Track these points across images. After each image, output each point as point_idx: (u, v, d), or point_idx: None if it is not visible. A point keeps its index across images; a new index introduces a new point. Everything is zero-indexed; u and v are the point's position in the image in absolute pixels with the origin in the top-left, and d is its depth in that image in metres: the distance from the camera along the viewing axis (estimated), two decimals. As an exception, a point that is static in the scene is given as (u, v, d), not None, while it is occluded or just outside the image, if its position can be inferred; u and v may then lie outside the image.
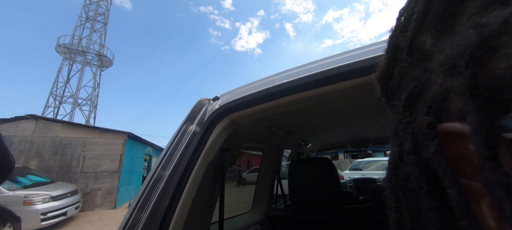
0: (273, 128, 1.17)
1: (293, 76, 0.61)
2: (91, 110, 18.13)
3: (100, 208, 7.27)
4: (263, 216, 1.54)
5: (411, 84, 0.19)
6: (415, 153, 0.18)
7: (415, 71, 0.19)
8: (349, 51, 0.56)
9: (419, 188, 0.17)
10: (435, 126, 0.16)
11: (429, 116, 0.17)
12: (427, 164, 0.17)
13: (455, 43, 0.15)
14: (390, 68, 0.23)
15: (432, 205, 0.16)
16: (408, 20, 0.20)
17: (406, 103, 0.20)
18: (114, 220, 6.04)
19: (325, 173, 1.24)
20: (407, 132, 0.19)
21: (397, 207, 0.20)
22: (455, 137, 0.15)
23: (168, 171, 0.69)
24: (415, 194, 0.18)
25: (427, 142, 0.17)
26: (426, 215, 0.17)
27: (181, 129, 0.76)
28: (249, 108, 0.69)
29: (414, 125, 0.19)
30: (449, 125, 0.15)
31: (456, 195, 0.15)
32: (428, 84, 0.18)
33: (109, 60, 19.53)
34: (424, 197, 0.17)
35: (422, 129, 0.17)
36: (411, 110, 0.19)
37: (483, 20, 0.13)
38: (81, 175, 7.31)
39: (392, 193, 0.21)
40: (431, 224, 0.16)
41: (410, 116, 0.19)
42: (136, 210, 0.63)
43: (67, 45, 17.44)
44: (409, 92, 0.19)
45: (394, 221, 0.21)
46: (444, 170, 0.15)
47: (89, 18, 19.21)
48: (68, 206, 5.36)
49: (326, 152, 3.33)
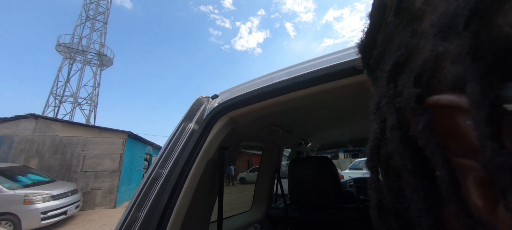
0: (272, 127, 1.16)
1: (293, 73, 0.61)
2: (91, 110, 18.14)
3: (100, 207, 7.28)
4: (263, 215, 1.53)
5: (397, 51, 0.17)
6: (399, 129, 0.16)
7: (402, 36, 0.17)
8: (350, 48, 0.56)
9: (403, 166, 0.16)
10: (425, 99, 0.14)
11: (418, 87, 0.15)
12: (413, 141, 0.15)
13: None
14: (374, 35, 0.21)
15: (416, 185, 0.15)
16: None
17: (391, 73, 0.17)
18: (114, 219, 6.05)
19: (325, 172, 1.23)
20: (392, 106, 0.17)
21: (378, 187, 0.19)
22: (448, 111, 0.13)
23: (166, 169, 0.68)
24: (397, 173, 0.17)
25: (415, 118, 0.15)
26: (409, 196, 0.15)
27: (180, 127, 0.76)
28: (249, 106, 0.68)
29: (400, 99, 0.16)
30: (441, 98, 0.13)
31: (447, 178, 0.13)
32: (417, 50, 0.15)
33: (109, 59, 19.53)
34: (408, 176, 0.15)
35: (410, 102, 0.15)
36: (396, 82, 0.17)
37: None
38: (81, 174, 7.32)
39: (374, 172, 0.20)
40: (415, 206, 0.15)
41: (395, 88, 0.17)
42: (133, 208, 0.62)
43: (67, 44, 17.43)
44: (395, 61, 0.17)
45: (375, 201, 0.19)
46: (434, 150, 0.14)
47: (89, 17, 19.19)
48: (68, 205, 5.37)
49: (326, 151, 3.33)
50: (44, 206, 4.74)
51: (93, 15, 19.44)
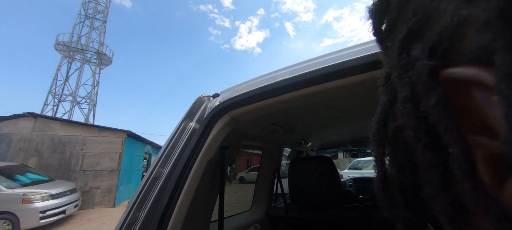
0: (273, 126, 1.16)
1: (295, 72, 0.60)
2: (90, 108, 18.09)
3: (99, 206, 7.26)
4: (263, 215, 1.53)
5: (413, 17, 0.15)
6: (412, 101, 0.15)
7: (417, 0, 0.15)
8: (352, 47, 0.55)
9: (417, 140, 0.14)
10: (439, 72, 0.13)
11: (432, 59, 0.13)
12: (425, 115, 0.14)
13: None
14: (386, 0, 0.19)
15: (433, 159, 0.14)
16: None
17: (403, 42, 0.16)
18: (113, 219, 6.03)
19: (326, 171, 1.23)
20: (404, 78, 0.16)
21: (383, 160, 0.18)
22: (464, 86, 0.12)
23: (167, 169, 0.67)
24: (405, 147, 0.16)
25: (427, 93, 0.14)
26: (424, 172, 0.14)
27: (180, 126, 0.75)
28: (250, 105, 0.68)
29: (412, 72, 0.15)
30: (458, 71, 0.12)
31: (460, 155, 0.12)
32: (436, 15, 0.14)
33: (109, 58, 19.46)
34: (423, 151, 0.14)
35: (422, 76, 0.14)
36: (410, 52, 0.15)
37: None
38: (80, 173, 7.30)
39: (380, 146, 0.19)
40: (432, 182, 0.14)
41: (408, 59, 0.16)
42: (134, 208, 0.62)
43: (66, 43, 17.35)
44: (409, 28, 0.15)
45: (379, 174, 0.19)
46: (447, 126, 0.13)
47: (88, 16, 19.11)
48: (67, 205, 5.35)
49: (326, 151, 3.33)
50: (43, 205, 4.72)
51: (92, 14, 19.36)
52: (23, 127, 7.23)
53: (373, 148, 0.19)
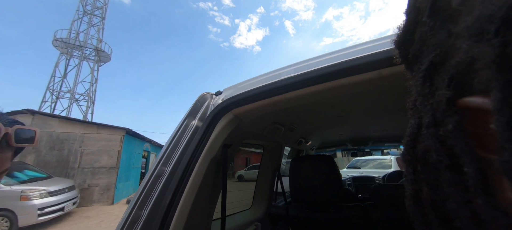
0: (275, 125, 1.15)
1: (300, 70, 0.59)
2: (88, 106, 17.99)
3: (98, 204, 7.25)
4: (263, 214, 1.53)
5: (433, 51, 0.17)
6: (435, 127, 0.17)
7: (438, 36, 0.17)
8: (359, 44, 0.54)
9: (439, 161, 0.16)
10: (456, 101, 0.15)
11: (450, 90, 0.15)
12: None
13: (486, 1, 0.12)
14: (410, 32, 0.21)
15: (453, 179, 0.15)
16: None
17: (426, 73, 0.18)
18: (112, 216, 6.03)
19: (327, 171, 1.23)
20: (427, 105, 0.18)
21: (414, 179, 0.20)
22: (477, 113, 0.14)
23: (170, 167, 0.66)
24: (435, 167, 0.17)
25: (445, 119, 0.16)
26: (447, 190, 0.16)
27: (183, 124, 0.74)
28: (254, 103, 0.67)
29: (433, 100, 0.17)
30: (471, 100, 0.14)
31: (473, 174, 0.14)
32: (452, 51, 0.15)
33: (107, 55, 19.33)
34: (445, 171, 0.16)
35: (441, 104, 0.16)
36: (432, 81, 0.17)
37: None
38: (78, 170, 7.27)
39: (410, 166, 0.20)
40: (453, 199, 0.16)
41: (431, 88, 0.17)
42: (136, 206, 0.61)
43: (64, 39, 17.21)
44: (431, 60, 0.17)
45: (410, 192, 0.20)
46: (462, 148, 0.14)
47: (86, 12, 18.95)
48: (66, 202, 5.33)
49: (325, 150, 3.33)
50: (41, 203, 4.70)
51: (91, 10, 19.20)
52: (21, 123, 7.17)
53: (404, 167, 0.21)
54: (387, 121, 1.69)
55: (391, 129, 2.07)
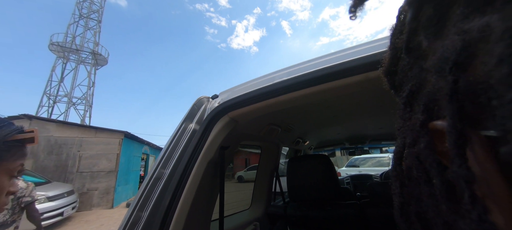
0: (272, 126, 1.17)
1: (293, 73, 0.62)
2: (86, 109, 17.89)
3: (97, 208, 7.22)
4: (262, 213, 1.55)
5: (410, 82, 0.21)
6: (414, 147, 0.20)
7: (413, 70, 0.20)
8: (348, 48, 0.57)
9: (419, 177, 0.19)
10: (428, 124, 0.18)
11: (423, 114, 0.18)
12: None
13: (444, 46, 0.16)
14: (394, 65, 0.24)
15: (430, 192, 0.18)
16: (404, 22, 0.22)
17: (406, 100, 0.21)
18: (111, 220, 6.01)
19: (323, 169, 1.25)
20: (408, 127, 0.21)
21: (401, 193, 0.22)
22: (444, 134, 0.16)
23: (168, 170, 0.69)
24: (417, 181, 0.20)
25: (419, 138, 0.18)
26: (425, 201, 0.19)
27: (181, 128, 0.76)
28: (249, 106, 0.69)
29: (411, 122, 0.20)
30: (438, 123, 0.17)
31: (439, 185, 0.16)
32: (424, 83, 0.19)
33: (104, 58, 19.26)
34: (423, 185, 0.19)
35: (416, 126, 0.19)
36: (412, 107, 0.20)
37: (466, 27, 0.14)
38: (77, 175, 7.24)
39: (397, 181, 0.23)
40: (430, 209, 0.18)
41: (410, 112, 0.21)
42: (136, 208, 0.63)
43: (60, 43, 17.12)
44: (409, 89, 0.21)
45: (398, 205, 0.23)
46: (431, 164, 0.17)
47: (82, 16, 18.86)
48: (65, 207, 5.31)
49: (324, 149, 3.36)
50: (39, 208, 4.63)
51: (87, 13, 19.12)
52: (18, 129, 7.13)
53: (392, 181, 0.24)
54: (381, 119, 1.72)
55: (387, 128, 2.10)
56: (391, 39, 0.24)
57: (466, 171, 0.14)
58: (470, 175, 0.14)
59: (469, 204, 0.14)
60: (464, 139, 0.14)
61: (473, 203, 0.14)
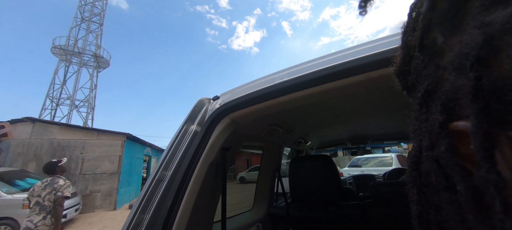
0: (273, 127, 1.17)
1: (293, 74, 0.62)
2: (88, 112, 18.02)
3: (100, 209, 7.25)
4: (264, 214, 1.55)
5: (426, 81, 0.19)
6: (432, 150, 0.18)
7: (429, 68, 0.19)
8: (349, 48, 0.57)
9: (438, 183, 0.18)
10: (447, 125, 0.16)
11: (442, 114, 0.17)
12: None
13: (462, 42, 0.15)
14: (406, 64, 0.23)
15: (451, 198, 0.17)
16: (417, 18, 0.20)
17: (422, 100, 0.20)
18: (114, 222, 6.03)
19: (325, 170, 1.25)
20: (424, 129, 0.19)
21: (419, 200, 0.21)
22: (466, 135, 0.15)
23: (170, 171, 0.69)
24: (436, 188, 0.18)
25: (438, 141, 0.17)
26: (446, 209, 0.17)
27: (182, 129, 0.76)
28: (250, 107, 0.69)
29: (427, 124, 0.19)
30: (460, 124, 0.16)
31: (464, 191, 0.15)
32: (442, 81, 0.17)
33: (106, 61, 19.39)
34: (443, 191, 0.17)
35: (435, 128, 0.17)
36: (428, 107, 0.19)
37: (487, 19, 0.13)
38: (80, 177, 7.28)
39: (414, 187, 0.21)
40: (451, 217, 0.17)
41: (427, 113, 0.19)
42: (139, 210, 0.63)
43: (62, 46, 17.27)
44: (425, 89, 0.19)
45: (416, 213, 0.21)
46: (453, 168, 0.16)
47: (84, 19, 19.02)
48: (68, 209, 5.34)
49: (326, 149, 3.35)
50: (43, 210, 4.70)
51: (89, 17, 19.28)
52: (22, 132, 7.20)
53: (409, 188, 0.22)
54: (383, 119, 1.71)
55: (389, 127, 2.09)
56: (403, 37, 0.23)
57: (496, 176, 0.13)
58: (501, 180, 0.13)
59: (501, 213, 0.12)
60: (491, 140, 0.13)
61: (506, 212, 0.12)
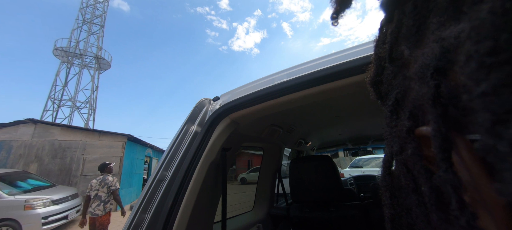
0: (273, 127, 1.17)
1: (293, 74, 0.62)
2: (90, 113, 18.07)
3: (101, 211, 7.26)
4: (265, 215, 1.55)
5: (395, 90, 0.21)
6: (401, 154, 0.19)
7: (397, 78, 0.21)
8: (348, 49, 0.57)
9: (407, 185, 0.19)
10: (414, 130, 0.18)
11: (409, 120, 0.18)
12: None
13: (424, 54, 0.16)
14: (379, 75, 0.25)
15: (419, 200, 0.18)
16: (386, 33, 0.22)
17: (392, 108, 0.21)
18: (115, 223, 6.03)
19: (326, 170, 1.25)
20: (394, 135, 0.21)
21: (391, 203, 0.22)
22: (429, 139, 0.16)
23: (171, 172, 0.69)
24: (406, 191, 0.19)
25: (406, 145, 0.18)
26: (415, 211, 0.18)
27: (183, 130, 0.77)
28: (250, 108, 0.70)
29: (396, 129, 0.20)
30: (423, 129, 0.17)
31: (428, 192, 0.16)
32: (408, 90, 0.19)
33: (107, 62, 19.46)
34: (412, 194, 0.18)
35: (402, 133, 0.19)
36: (397, 114, 0.21)
37: (443, 34, 0.14)
38: (81, 178, 7.29)
39: (387, 191, 0.22)
40: (419, 219, 0.18)
41: (396, 120, 0.21)
42: (140, 210, 0.64)
43: (64, 48, 17.35)
44: (394, 97, 0.21)
45: (388, 216, 0.22)
46: (419, 170, 0.17)
47: (86, 21, 19.11)
48: (69, 210, 5.35)
49: (326, 150, 3.34)
50: (44, 211, 4.72)
51: (90, 19, 19.37)
52: (23, 133, 7.23)
53: (382, 192, 0.23)
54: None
55: None
56: (375, 49, 0.25)
57: (452, 176, 0.14)
58: (456, 179, 0.14)
59: (457, 210, 0.13)
60: (449, 143, 0.14)
61: (461, 209, 0.13)
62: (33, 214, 4.56)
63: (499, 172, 0.11)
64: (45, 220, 4.69)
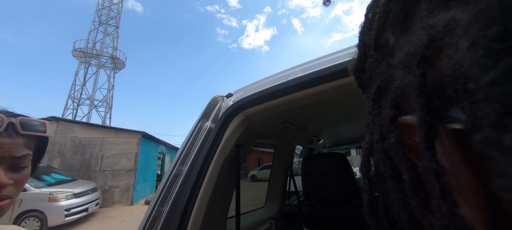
0: (285, 124, 1.17)
1: (307, 70, 0.61)
2: (106, 111, 18.86)
3: (118, 204, 7.60)
4: (276, 212, 1.55)
5: (378, 78, 0.21)
6: (382, 143, 0.20)
7: (381, 67, 0.21)
8: None
9: (385, 172, 0.19)
10: (396, 119, 0.18)
11: (392, 109, 0.18)
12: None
13: (411, 42, 0.16)
14: (362, 62, 0.24)
15: (396, 186, 0.18)
16: (372, 19, 0.22)
17: (375, 96, 0.21)
18: (131, 216, 6.29)
19: (339, 168, 1.23)
20: (376, 123, 0.21)
21: (369, 190, 0.22)
22: (412, 128, 0.16)
23: (186, 167, 0.71)
24: (384, 177, 0.20)
25: (388, 134, 0.18)
26: (391, 196, 0.19)
27: (197, 126, 0.78)
28: (263, 104, 0.70)
29: (379, 118, 0.20)
30: (407, 118, 0.17)
31: (409, 180, 0.17)
32: (392, 79, 0.19)
33: (122, 62, 20.17)
34: (389, 180, 0.19)
35: (385, 121, 0.19)
36: (380, 103, 0.21)
37: (431, 22, 0.14)
38: (100, 173, 7.66)
39: (366, 177, 0.23)
40: (395, 203, 0.18)
41: (379, 109, 0.21)
42: (157, 204, 0.66)
43: (82, 49, 18.18)
44: (377, 86, 0.21)
45: (366, 202, 0.22)
46: (400, 159, 0.17)
47: (102, 22, 19.87)
48: (89, 203, 5.65)
49: (338, 148, 3.28)
50: (67, 204, 5.02)
51: (106, 20, 20.11)
52: (47, 130, 7.67)
53: (361, 179, 0.24)
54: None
55: None
56: (360, 36, 0.24)
57: (436, 164, 0.14)
58: (439, 168, 0.14)
59: (439, 198, 0.14)
60: (433, 132, 0.14)
61: (443, 197, 0.14)
62: (56, 206, 4.87)
63: (503, 167, 0.10)
64: (67, 211, 4.99)
